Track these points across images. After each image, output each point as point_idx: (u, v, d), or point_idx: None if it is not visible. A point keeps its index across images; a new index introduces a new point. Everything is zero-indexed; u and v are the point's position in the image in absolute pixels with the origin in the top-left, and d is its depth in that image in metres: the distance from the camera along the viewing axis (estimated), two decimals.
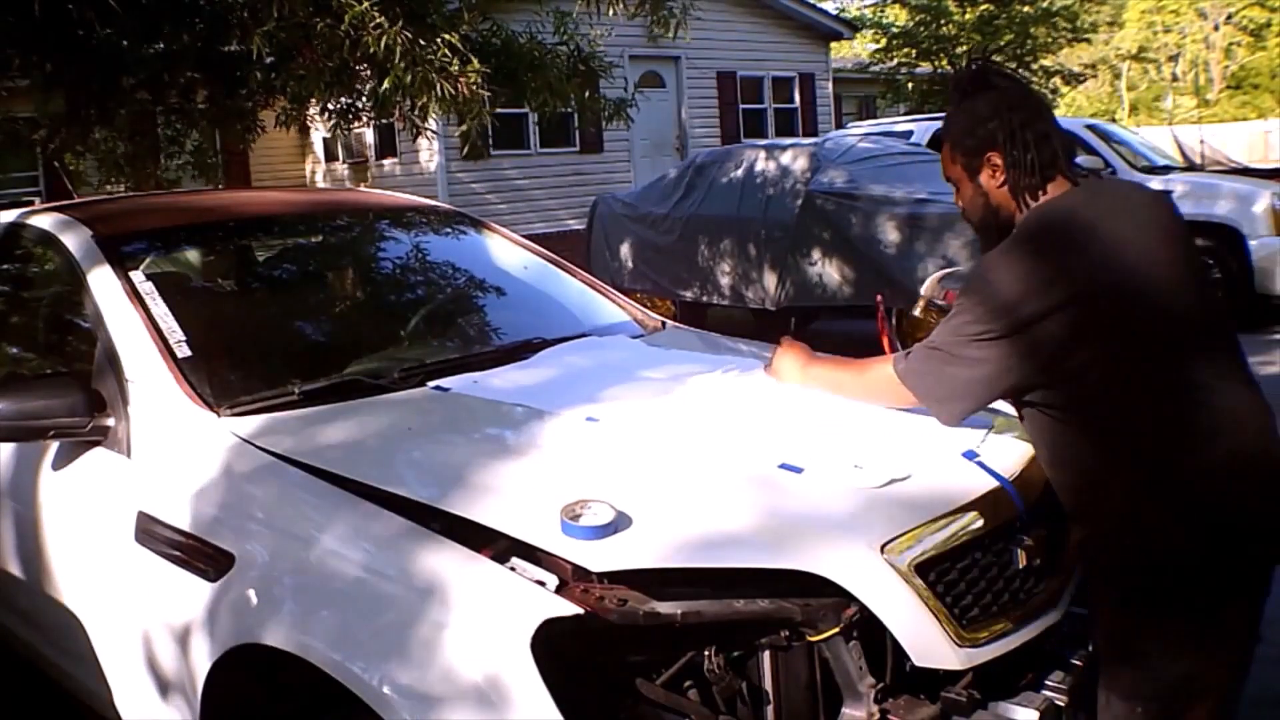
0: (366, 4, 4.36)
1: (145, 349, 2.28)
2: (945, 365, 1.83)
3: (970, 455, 1.93)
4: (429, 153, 12.48)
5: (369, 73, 5.21)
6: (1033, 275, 1.72)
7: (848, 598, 1.60)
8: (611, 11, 5.72)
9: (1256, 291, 7.88)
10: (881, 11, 21.45)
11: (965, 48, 19.29)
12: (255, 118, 6.15)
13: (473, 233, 3.38)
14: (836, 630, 1.59)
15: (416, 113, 5.53)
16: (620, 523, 1.63)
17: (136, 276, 2.48)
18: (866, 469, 1.82)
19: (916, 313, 2.70)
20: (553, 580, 1.56)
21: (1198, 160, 10.28)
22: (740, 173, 7.82)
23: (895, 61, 19.82)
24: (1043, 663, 1.84)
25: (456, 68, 4.63)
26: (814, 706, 1.62)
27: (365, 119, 6.51)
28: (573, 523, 1.61)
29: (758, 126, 15.72)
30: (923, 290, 2.64)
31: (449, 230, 3.39)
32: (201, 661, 1.83)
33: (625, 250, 8.60)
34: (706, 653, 1.55)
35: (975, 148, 1.89)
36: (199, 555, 1.90)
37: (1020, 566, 1.82)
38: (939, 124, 9.81)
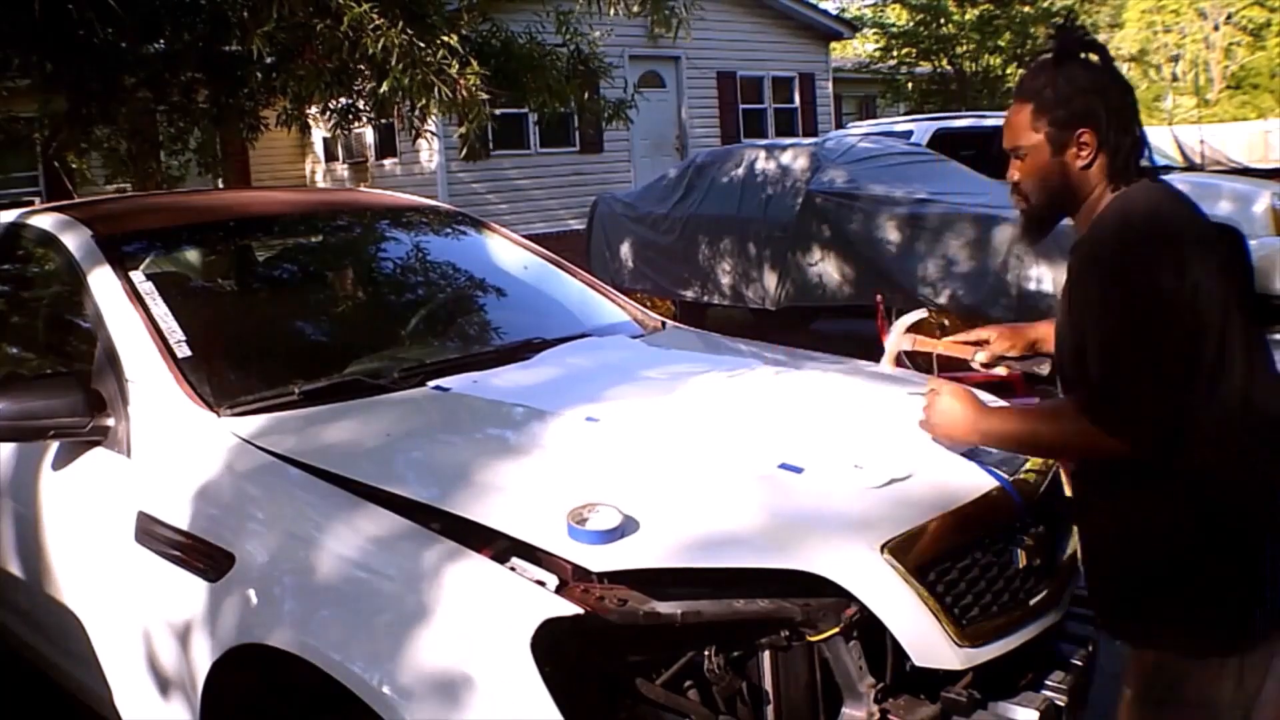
0: (366, 5, 4.36)
1: (145, 349, 2.28)
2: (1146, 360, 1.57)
3: (970, 455, 1.93)
4: (429, 153, 12.48)
5: (369, 73, 5.22)
6: (1171, 263, 1.57)
7: (848, 598, 1.60)
8: (613, 11, 5.72)
9: (1256, 291, 7.88)
10: (881, 11, 21.45)
11: (965, 47, 19.30)
12: (257, 116, 6.16)
13: (473, 233, 3.38)
14: (836, 630, 1.59)
15: (416, 114, 5.54)
16: (628, 527, 1.63)
17: (136, 276, 2.48)
18: (866, 469, 1.82)
19: (886, 367, 2.38)
20: (553, 580, 1.56)
21: (1198, 160, 10.29)
22: (740, 172, 7.82)
23: (895, 61, 19.82)
24: (1043, 663, 1.84)
25: (455, 70, 4.63)
26: (814, 706, 1.62)
27: (365, 119, 6.52)
28: (579, 527, 1.61)
29: (758, 126, 15.72)
30: (889, 346, 2.34)
31: (449, 230, 3.39)
32: (202, 661, 1.83)
33: (625, 250, 8.60)
34: (706, 653, 1.55)
35: (1068, 119, 1.70)
36: (199, 555, 1.90)
37: (1020, 566, 1.82)
38: (939, 124, 9.85)
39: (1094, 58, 1.72)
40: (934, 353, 2.26)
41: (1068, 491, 2.38)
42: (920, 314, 2.42)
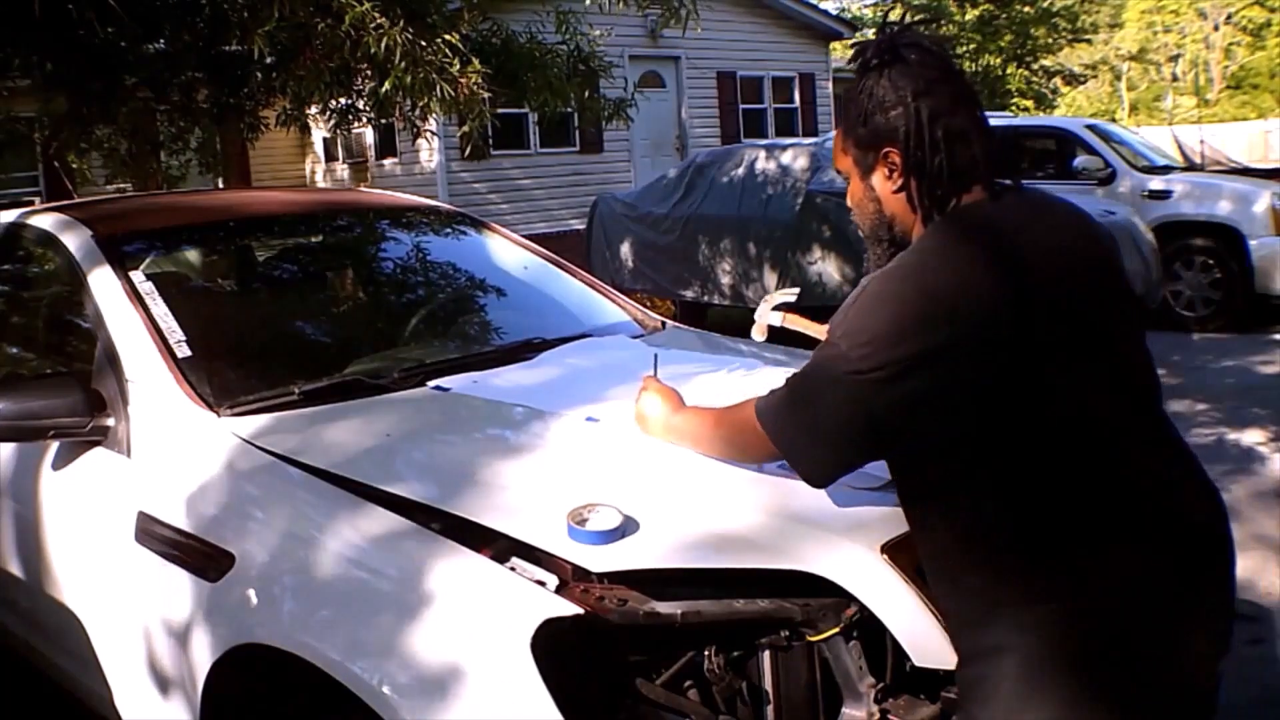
0: (367, 5, 4.36)
1: (145, 349, 2.28)
2: (811, 404, 1.51)
3: None
4: (429, 152, 12.48)
5: (370, 73, 5.22)
6: (937, 302, 1.39)
7: (848, 598, 1.60)
8: (621, 5, 5.72)
9: (1256, 291, 7.89)
10: (881, 11, 21.47)
11: (966, 48, 19.31)
12: (257, 116, 6.17)
13: (473, 233, 3.38)
14: (836, 630, 1.59)
15: (417, 113, 5.54)
16: (628, 527, 1.63)
17: (136, 276, 2.48)
18: (866, 470, 1.82)
19: (756, 337, 2.43)
20: (553, 580, 1.56)
21: (1198, 160, 10.29)
22: (740, 172, 7.83)
23: None
24: None
25: (457, 68, 4.64)
26: (814, 706, 1.61)
27: (365, 119, 6.52)
28: (579, 527, 1.61)
29: (758, 126, 15.73)
30: (757, 317, 2.28)
31: (449, 230, 3.39)
32: (202, 661, 1.83)
33: (625, 250, 8.61)
34: (706, 653, 1.55)
35: (869, 139, 1.52)
36: (199, 555, 1.90)
37: None
38: None
39: (918, 58, 1.51)
40: (812, 335, 2.25)
41: None
42: (791, 294, 2.41)
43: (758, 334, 2.43)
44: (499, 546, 1.64)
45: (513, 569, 1.59)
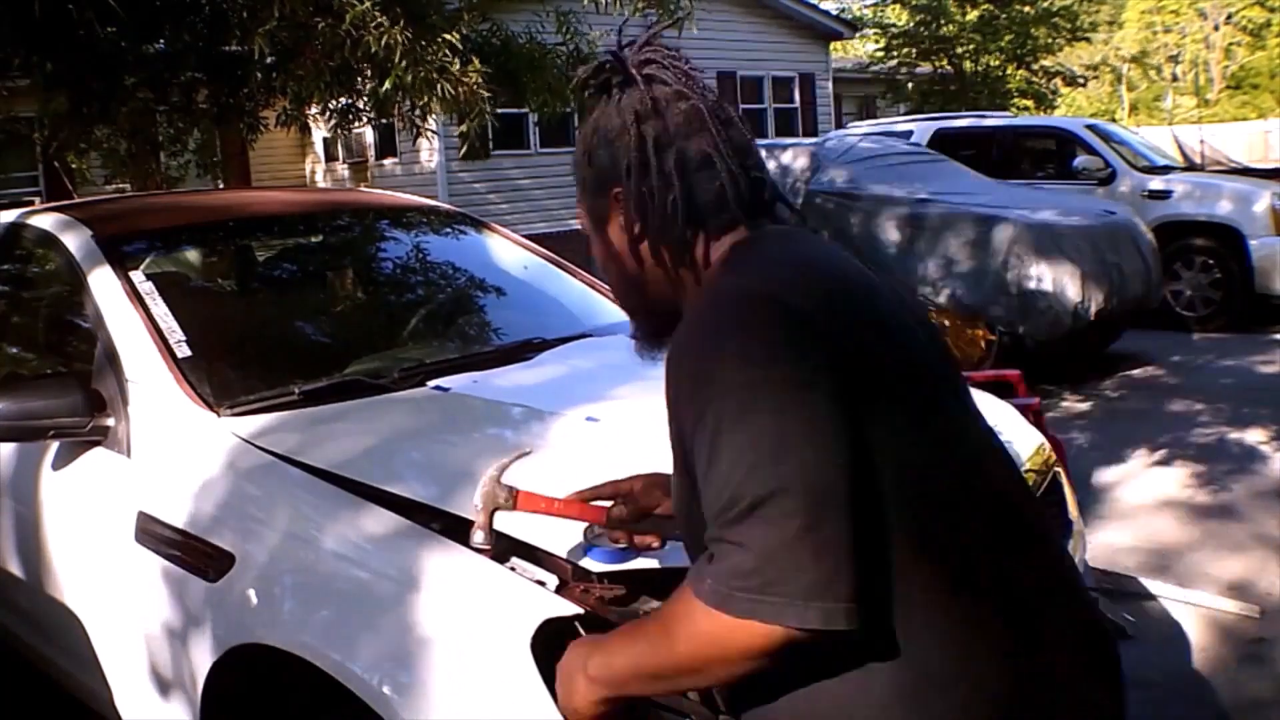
0: (368, 4, 4.36)
1: (145, 349, 2.28)
2: (771, 562, 0.98)
3: None
4: (429, 152, 12.49)
5: (370, 72, 5.23)
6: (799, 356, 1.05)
7: None
8: (618, 7, 5.72)
9: (1256, 291, 7.90)
10: (881, 11, 21.48)
11: (966, 48, 19.31)
12: (257, 116, 6.17)
13: (473, 233, 3.38)
14: None
15: (417, 113, 5.54)
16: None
17: (136, 276, 2.48)
18: None
19: (477, 543, 1.55)
20: (552, 580, 1.56)
21: (1198, 160, 10.29)
22: None
23: (895, 61, 19.85)
24: None
25: (457, 67, 4.64)
26: None
27: (365, 119, 6.53)
28: (595, 544, 1.60)
29: (758, 126, 15.74)
30: (477, 500, 1.53)
31: (449, 230, 3.39)
32: (202, 661, 1.84)
33: None
34: None
35: (595, 181, 1.22)
36: (199, 555, 1.90)
37: None
38: (939, 124, 9.81)
39: (654, 74, 1.22)
40: (550, 515, 1.59)
41: (1069, 495, 2.38)
42: (522, 455, 1.64)
43: (478, 536, 1.55)
44: (499, 546, 1.63)
45: (512, 569, 1.59)
